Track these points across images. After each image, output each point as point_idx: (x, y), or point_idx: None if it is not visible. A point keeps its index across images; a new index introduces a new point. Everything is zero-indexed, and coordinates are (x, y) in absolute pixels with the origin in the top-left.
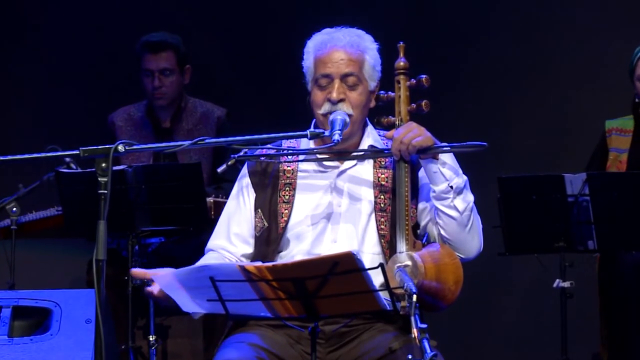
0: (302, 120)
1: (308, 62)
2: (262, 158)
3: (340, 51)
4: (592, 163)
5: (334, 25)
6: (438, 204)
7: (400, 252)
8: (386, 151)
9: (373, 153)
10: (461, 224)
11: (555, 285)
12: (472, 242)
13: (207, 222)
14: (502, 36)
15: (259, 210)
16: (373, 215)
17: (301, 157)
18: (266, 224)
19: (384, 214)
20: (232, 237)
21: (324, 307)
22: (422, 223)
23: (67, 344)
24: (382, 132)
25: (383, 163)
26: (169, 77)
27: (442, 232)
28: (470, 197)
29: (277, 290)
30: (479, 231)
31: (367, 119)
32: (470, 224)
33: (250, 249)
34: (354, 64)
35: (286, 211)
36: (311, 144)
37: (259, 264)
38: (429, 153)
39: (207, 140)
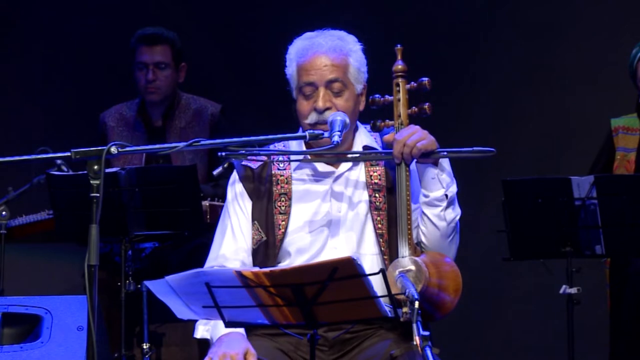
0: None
1: (291, 69)
2: (251, 157)
3: (323, 57)
4: (597, 163)
5: (331, 26)
6: (427, 211)
7: (402, 257)
8: (384, 154)
9: (372, 155)
10: (444, 235)
11: (561, 291)
12: (449, 253)
13: (202, 226)
14: (505, 37)
15: (255, 222)
16: (369, 215)
17: (295, 160)
18: (264, 236)
19: (380, 212)
20: (238, 252)
21: (323, 314)
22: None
23: (59, 352)
24: (368, 127)
25: (374, 162)
26: (163, 71)
27: (423, 238)
28: (458, 210)
29: (274, 297)
30: (457, 244)
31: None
32: (452, 236)
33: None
34: (338, 69)
35: (283, 222)
36: (303, 148)
37: (256, 269)
38: (431, 157)
39: (202, 142)
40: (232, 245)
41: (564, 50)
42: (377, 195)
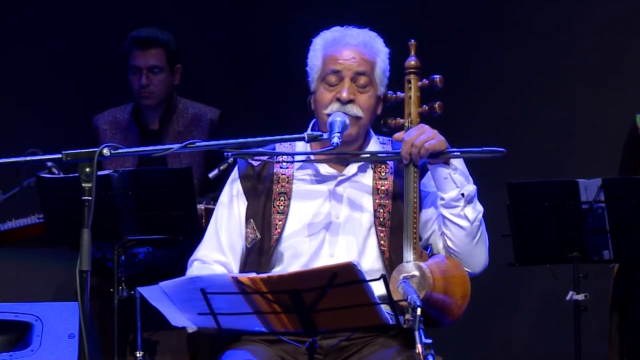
0: (299, 123)
1: (315, 59)
2: (257, 157)
3: (354, 50)
4: (627, 161)
5: (335, 25)
6: (447, 213)
7: (407, 262)
8: (392, 154)
9: (377, 156)
10: (470, 235)
11: (568, 298)
12: (480, 255)
13: (197, 230)
14: (513, 36)
15: (251, 221)
16: (373, 229)
17: (298, 161)
18: (259, 235)
19: (384, 228)
20: (225, 248)
21: (322, 321)
22: (425, 235)
23: None
24: (381, 139)
25: (383, 174)
26: (157, 75)
27: (449, 243)
28: (480, 207)
29: (272, 303)
30: (486, 245)
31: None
32: (479, 235)
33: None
34: (367, 64)
35: (280, 222)
36: (308, 148)
37: (253, 275)
38: (440, 157)
39: (197, 144)
40: (212, 245)
41: (571, 51)
42: (382, 210)
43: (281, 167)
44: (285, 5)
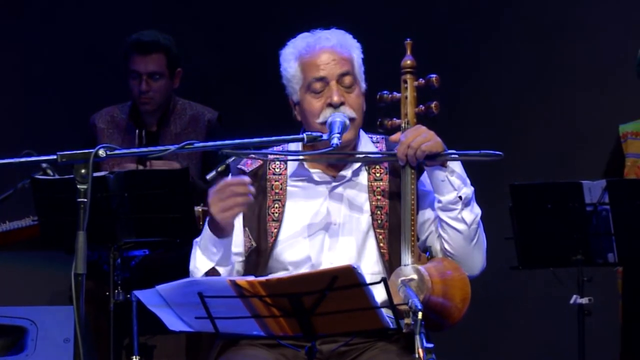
0: (298, 124)
1: (291, 69)
2: (252, 156)
3: (331, 51)
4: (610, 171)
5: (335, 25)
6: (444, 216)
7: (405, 265)
8: (388, 155)
9: (373, 158)
10: (467, 238)
11: (572, 301)
12: (477, 257)
13: (195, 233)
14: (513, 38)
15: (246, 229)
16: (372, 231)
17: (294, 160)
18: (254, 243)
19: (382, 230)
20: (233, 256)
21: (321, 325)
22: (422, 237)
23: None
24: (374, 138)
25: (378, 174)
26: (157, 81)
27: (446, 246)
28: (477, 210)
29: (271, 307)
30: (484, 247)
31: None
32: (476, 238)
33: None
34: (347, 63)
35: (275, 230)
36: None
37: (251, 278)
38: (437, 160)
39: (195, 145)
40: None
41: (573, 53)
42: (379, 212)
43: (274, 174)
44: (285, 5)
